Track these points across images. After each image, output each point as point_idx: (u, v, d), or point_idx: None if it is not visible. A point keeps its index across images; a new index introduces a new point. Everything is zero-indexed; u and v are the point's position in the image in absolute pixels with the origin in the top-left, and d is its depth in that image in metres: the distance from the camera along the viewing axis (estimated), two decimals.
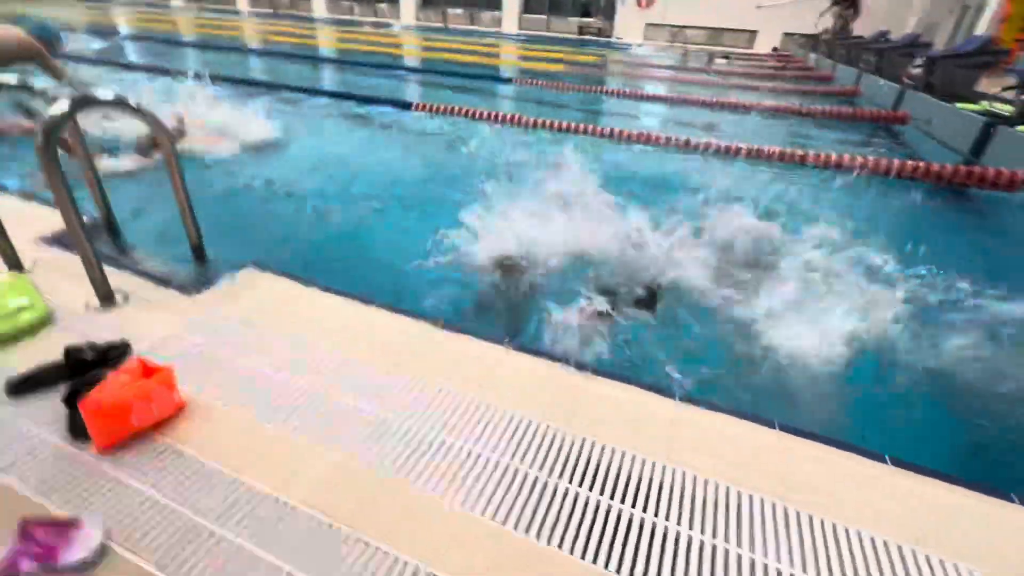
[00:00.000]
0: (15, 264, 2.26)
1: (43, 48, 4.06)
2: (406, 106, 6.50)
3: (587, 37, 24.04)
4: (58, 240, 2.53)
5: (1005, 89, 5.51)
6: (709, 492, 1.41)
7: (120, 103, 1.91)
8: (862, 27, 15.94)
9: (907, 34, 10.80)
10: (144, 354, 1.78)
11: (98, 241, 2.48)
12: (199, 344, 1.87)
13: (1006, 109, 5.18)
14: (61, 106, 1.73)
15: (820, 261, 2.87)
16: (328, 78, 9.70)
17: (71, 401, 1.49)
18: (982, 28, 14.54)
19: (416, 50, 15.97)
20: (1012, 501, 1.45)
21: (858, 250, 2.89)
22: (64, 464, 1.37)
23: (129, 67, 8.70)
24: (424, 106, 6.39)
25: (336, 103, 6.87)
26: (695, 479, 1.44)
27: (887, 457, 1.56)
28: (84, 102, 1.80)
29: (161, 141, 2.09)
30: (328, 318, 2.06)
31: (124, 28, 15.87)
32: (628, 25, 23.82)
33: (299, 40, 15.03)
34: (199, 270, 2.37)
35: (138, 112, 1.97)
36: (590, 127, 5.79)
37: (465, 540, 1.24)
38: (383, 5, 27.83)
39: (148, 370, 1.50)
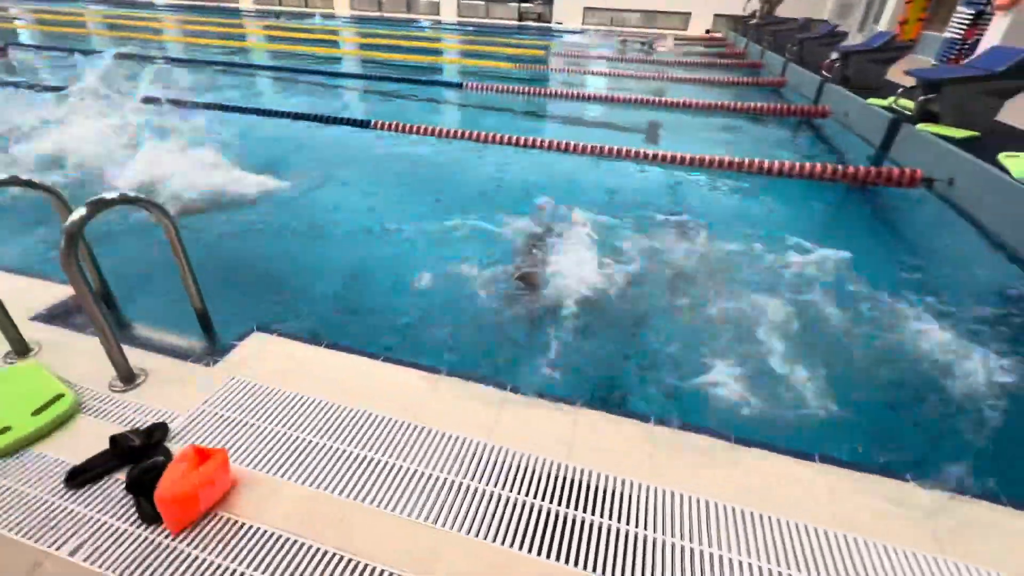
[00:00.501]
0: (22, 349, 2.34)
1: None
2: (364, 124, 6.54)
3: (527, 23, 24.07)
4: (54, 316, 2.60)
5: (902, 92, 6.21)
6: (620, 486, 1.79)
7: (134, 201, 2.04)
8: (785, 10, 16.90)
9: (825, 24, 11.63)
10: (179, 432, 1.96)
11: None
12: (228, 417, 2.06)
13: (908, 107, 5.85)
14: (80, 211, 1.85)
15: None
16: (267, 89, 9.43)
17: (135, 489, 1.68)
18: (889, 9, 15.76)
19: (355, 48, 15.62)
20: (907, 481, 1.91)
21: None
22: (139, 546, 1.57)
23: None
24: (383, 124, 6.46)
25: (284, 122, 6.80)
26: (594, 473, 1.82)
27: (816, 456, 1.99)
28: (102, 204, 1.92)
29: (163, 222, 2.21)
30: (341, 377, 2.28)
31: None
32: (566, 10, 24.03)
33: (223, 42, 14.32)
34: (208, 339, 2.52)
35: (144, 204, 2.09)
36: (548, 141, 6.04)
37: None
38: None
39: (203, 454, 1.70)
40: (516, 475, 1.86)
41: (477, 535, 1.65)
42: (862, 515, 1.77)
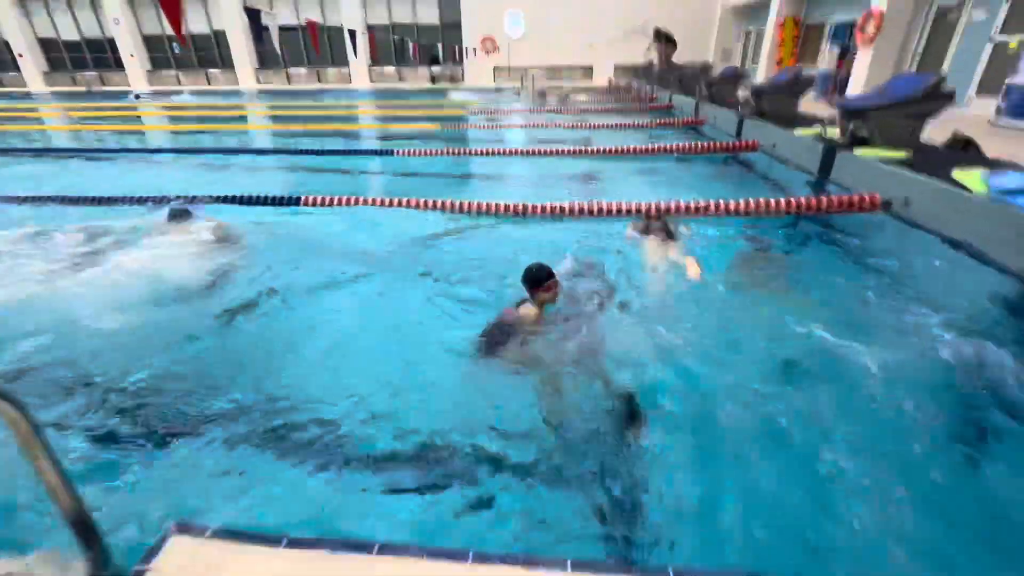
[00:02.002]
0: None
1: None
2: (293, 202, 5.80)
3: (441, 86, 24.52)
4: None
5: (828, 121, 6.50)
6: None
7: None
8: (675, 57, 18.37)
9: (728, 66, 12.56)
10: None
11: None
12: None
13: (835, 135, 6.09)
14: None
15: None
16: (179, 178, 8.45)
17: None
18: (765, 50, 17.61)
19: (264, 122, 14.86)
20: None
21: None
22: None
23: None
24: (313, 200, 5.76)
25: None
26: None
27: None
28: None
29: (6, 413, 1.41)
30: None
31: None
32: (477, 70, 24.84)
33: (118, 127, 13.09)
34: (98, 555, 1.66)
35: None
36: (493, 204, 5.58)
37: None
38: (216, 71, 25.73)
39: None
40: None
41: None
42: None
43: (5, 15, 24.74)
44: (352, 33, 16.45)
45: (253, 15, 11.02)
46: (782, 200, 4.92)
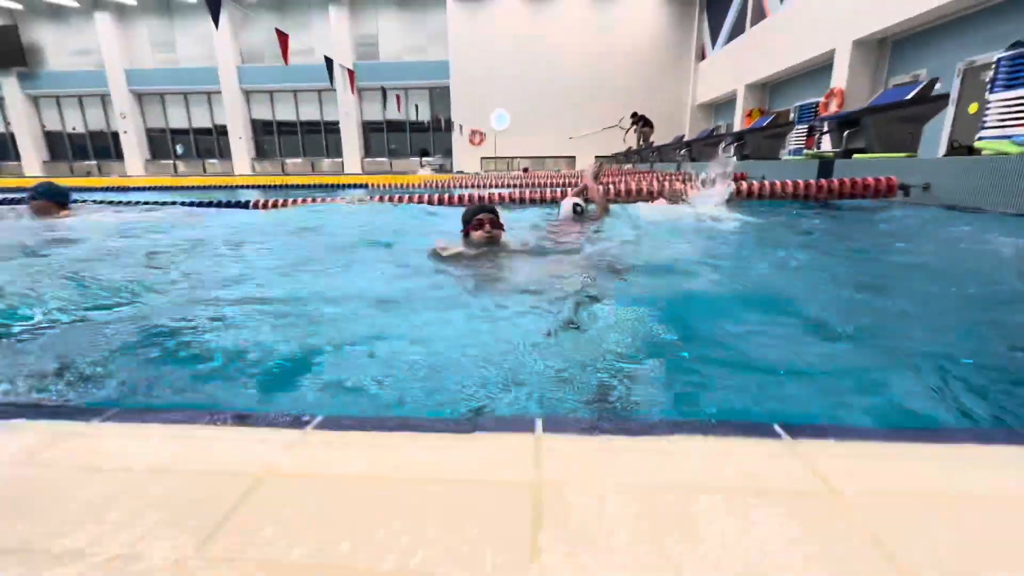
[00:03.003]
0: None
1: None
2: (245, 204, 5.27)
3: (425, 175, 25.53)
4: None
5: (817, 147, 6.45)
6: None
7: None
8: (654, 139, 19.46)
9: (704, 129, 13.14)
10: None
11: None
12: None
13: (826, 155, 5.97)
14: None
15: None
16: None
17: None
18: (735, 126, 18.78)
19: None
20: None
21: None
22: None
23: None
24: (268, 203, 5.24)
25: None
26: None
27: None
28: None
29: None
30: None
31: None
32: (465, 160, 26.10)
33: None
34: None
35: None
36: None
37: None
38: (214, 160, 26.69)
39: None
40: None
41: None
42: None
43: (17, 112, 25.99)
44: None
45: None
46: (800, 182, 4.56)
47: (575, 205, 3.60)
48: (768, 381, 1.24)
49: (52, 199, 4.13)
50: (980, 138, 4.10)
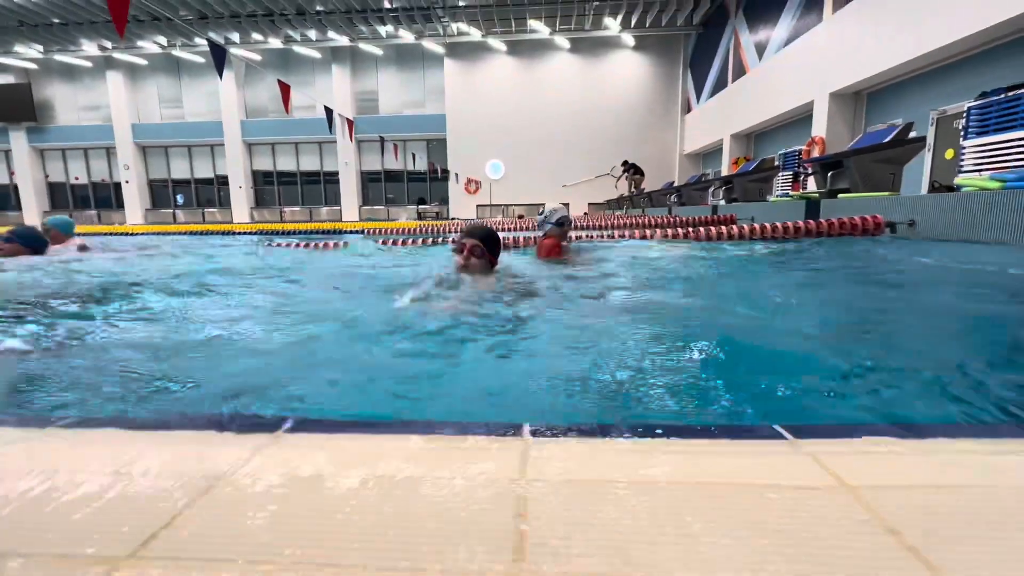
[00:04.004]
0: None
1: None
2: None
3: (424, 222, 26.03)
4: None
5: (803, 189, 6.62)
6: None
7: None
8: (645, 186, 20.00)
9: (693, 175, 13.53)
10: None
11: None
12: None
13: (813, 196, 6.13)
14: None
15: None
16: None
17: None
18: (723, 170, 19.36)
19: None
20: None
21: None
22: None
23: None
24: None
25: None
26: None
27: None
28: None
29: None
30: None
31: None
32: (461, 208, 26.65)
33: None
34: None
35: None
36: None
37: None
38: (213, 209, 27.11)
39: None
40: None
41: None
42: None
43: (22, 164, 26.58)
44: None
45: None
46: (787, 224, 4.64)
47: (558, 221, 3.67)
48: (771, 383, 1.20)
49: (27, 245, 4.12)
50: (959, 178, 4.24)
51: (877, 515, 0.58)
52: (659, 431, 0.85)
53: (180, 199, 27.23)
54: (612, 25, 22.22)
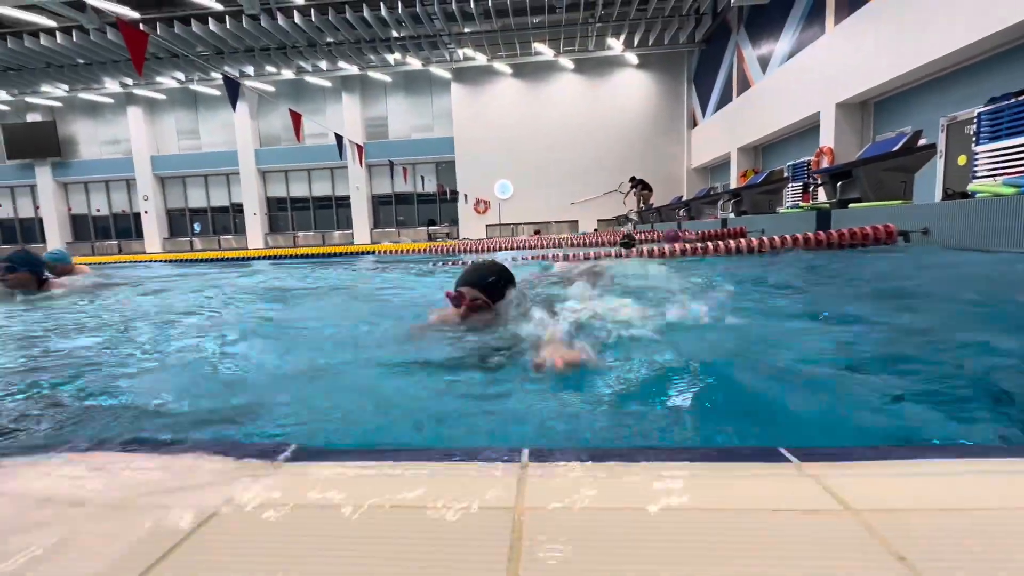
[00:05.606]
0: None
1: None
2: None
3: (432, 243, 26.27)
4: None
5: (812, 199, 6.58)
6: None
7: None
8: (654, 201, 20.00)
9: (701, 188, 13.51)
10: None
11: None
12: None
13: (823, 206, 6.08)
14: None
15: None
16: None
17: None
18: (731, 184, 19.28)
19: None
20: None
21: None
22: None
23: None
24: None
25: None
26: None
27: None
28: None
29: None
30: None
31: None
32: (471, 228, 26.87)
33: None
34: None
35: None
36: None
37: None
38: (228, 236, 27.68)
39: None
40: None
41: None
42: None
43: (47, 198, 27.53)
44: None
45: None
46: (799, 236, 4.60)
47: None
48: (775, 404, 1.17)
49: (34, 271, 3.90)
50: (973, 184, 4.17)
51: (883, 539, 0.56)
52: (661, 455, 0.83)
53: (197, 227, 27.90)
54: (615, 45, 22.55)
